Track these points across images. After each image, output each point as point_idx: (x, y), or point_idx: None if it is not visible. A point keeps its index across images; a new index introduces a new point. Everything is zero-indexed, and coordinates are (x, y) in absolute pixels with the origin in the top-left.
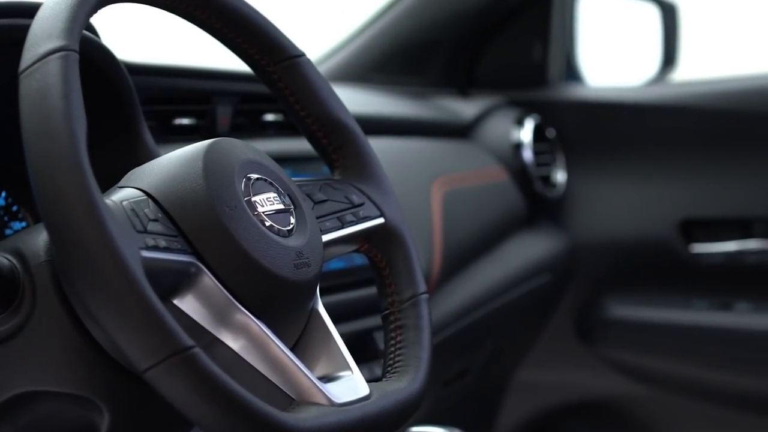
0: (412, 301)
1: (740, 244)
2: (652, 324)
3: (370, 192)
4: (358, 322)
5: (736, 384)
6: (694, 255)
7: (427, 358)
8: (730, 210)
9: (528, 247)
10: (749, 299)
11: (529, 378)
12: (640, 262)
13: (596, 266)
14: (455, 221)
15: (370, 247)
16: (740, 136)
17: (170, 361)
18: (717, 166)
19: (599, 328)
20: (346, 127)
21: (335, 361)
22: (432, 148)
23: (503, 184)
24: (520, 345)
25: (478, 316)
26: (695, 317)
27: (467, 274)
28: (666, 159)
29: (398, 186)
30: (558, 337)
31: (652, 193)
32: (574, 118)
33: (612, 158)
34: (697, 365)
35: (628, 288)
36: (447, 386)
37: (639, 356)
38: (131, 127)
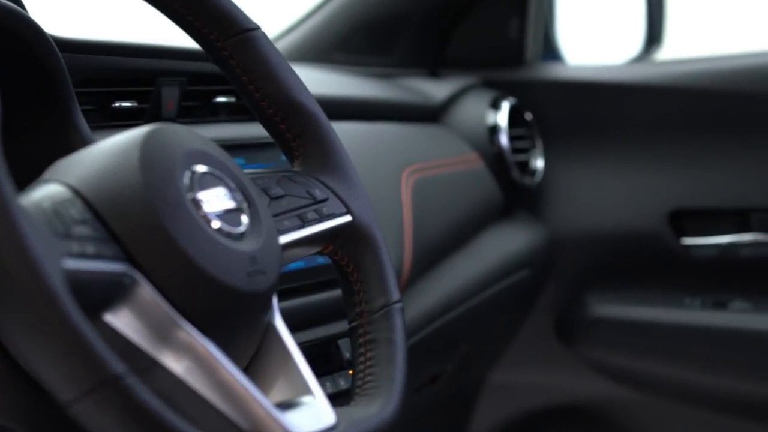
0: (383, 312)
1: (735, 237)
2: (639, 323)
3: (334, 185)
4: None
5: (730, 388)
6: (684, 249)
7: (402, 378)
8: (725, 200)
9: (505, 240)
10: (745, 297)
11: (505, 380)
12: (625, 256)
13: (578, 261)
14: (427, 213)
15: (336, 249)
16: (734, 119)
17: (98, 392)
18: (710, 152)
19: (581, 328)
20: (307, 111)
21: (295, 385)
22: (400, 133)
23: (478, 172)
24: (496, 346)
25: (452, 316)
26: (686, 316)
27: (440, 271)
28: (654, 144)
29: (366, 177)
30: (536, 336)
31: (639, 181)
32: (554, 99)
33: (595, 143)
34: (687, 368)
35: (613, 284)
36: (418, 392)
37: (623, 358)
38: (62, 111)
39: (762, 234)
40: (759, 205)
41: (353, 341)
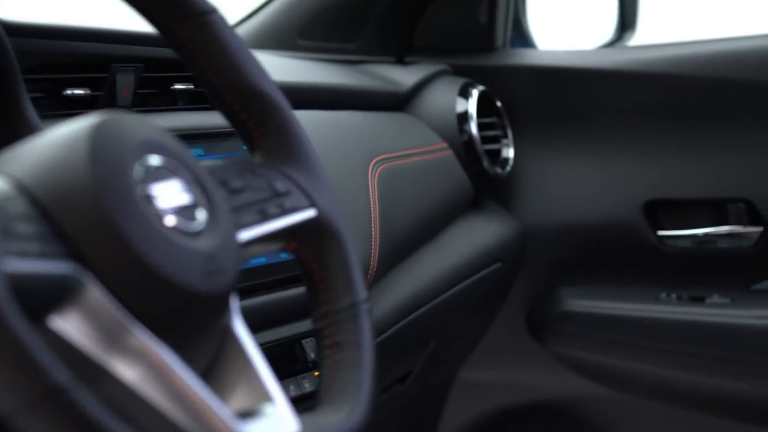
0: (350, 312)
1: (712, 229)
2: (613, 318)
3: (298, 177)
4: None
5: (708, 385)
6: (660, 241)
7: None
8: (701, 190)
9: (475, 232)
10: (723, 291)
11: (476, 378)
12: (599, 249)
13: (550, 254)
14: (394, 206)
15: (300, 246)
16: (711, 107)
17: (39, 403)
18: (686, 141)
19: (553, 323)
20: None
21: (256, 391)
22: (367, 122)
23: (446, 162)
24: (466, 343)
25: (421, 313)
26: (662, 311)
27: (408, 266)
28: (628, 132)
29: (330, 168)
30: (507, 332)
31: (613, 170)
32: (525, 86)
33: (567, 132)
34: (662, 364)
35: (586, 278)
36: (385, 392)
37: (597, 354)
38: (8, 98)
39: (740, 226)
40: (737, 196)
41: (319, 343)
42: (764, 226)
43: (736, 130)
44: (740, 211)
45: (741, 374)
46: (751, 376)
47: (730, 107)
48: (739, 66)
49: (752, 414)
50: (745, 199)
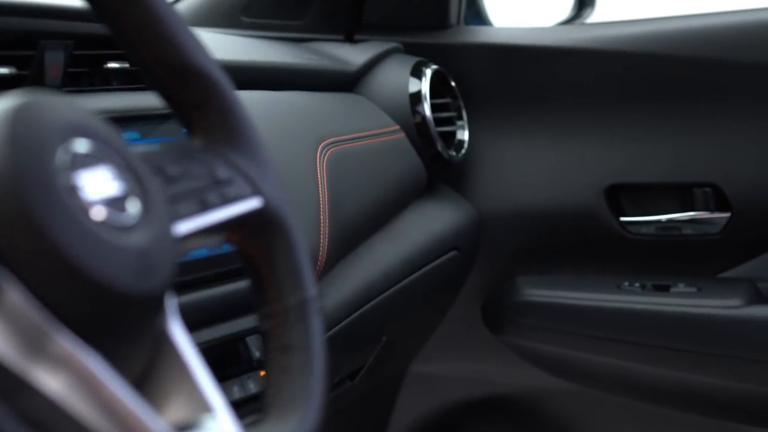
0: (299, 311)
1: (678, 215)
2: (573, 308)
3: (241, 163)
4: (228, 324)
5: (672, 378)
6: (623, 227)
7: (320, 389)
8: (666, 174)
9: (428, 219)
10: (689, 280)
11: (429, 371)
12: (558, 235)
13: (507, 241)
14: (344, 191)
15: (243, 238)
16: (675, 87)
17: None
18: (649, 123)
19: (510, 313)
20: (209, 78)
21: (195, 401)
22: (314, 103)
23: (399, 145)
24: (419, 335)
25: (373, 305)
26: (625, 301)
27: (360, 255)
28: (589, 114)
29: (276, 152)
30: (463, 323)
31: (573, 154)
32: (480, 65)
33: (525, 113)
34: (625, 356)
35: (545, 266)
36: (334, 389)
37: (557, 346)
38: None
39: (706, 211)
40: (703, 180)
41: (265, 345)
42: (732, 212)
43: (703, 111)
44: (707, 196)
45: (707, 367)
46: (718, 368)
47: (696, 87)
48: (704, 44)
49: (717, 408)
50: (711, 183)
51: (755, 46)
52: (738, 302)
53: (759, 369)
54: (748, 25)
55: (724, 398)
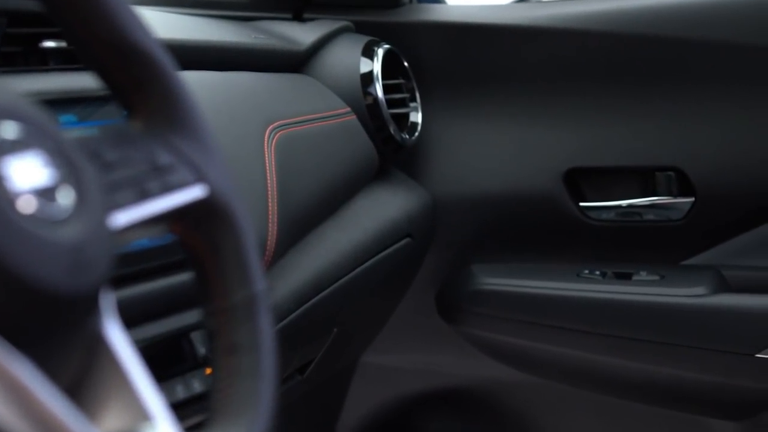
0: (247, 308)
1: (640, 200)
2: (531, 297)
3: (184, 148)
4: (171, 319)
5: (634, 369)
6: (583, 213)
7: (270, 393)
8: (628, 158)
9: (381, 205)
10: (651, 267)
11: (381, 363)
12: (515, 221)
13: (462, 228)
14: (294, 176)
15: (187, 229)
16: (635, 67)
17: None
18: (611, 104)
19: (466, 303)
20: (151, 58)
21: (133, 409)
22: (262, 84)
23: (350, 128)
24: (372, 325)
25: (324, 295)
26: (585, 289)
27: (310, 243)
28: (547, 95)
29: (222, 136)
30: (416, 313)
31: (531, 136)
32: (434, 45)
33: (480, 94)
34: (585, 348)
35: (501, 254)
36: (283, 384)
37: (514, 336)
38: None
39: (670, 196)
40: (666, 164)
41: (210, 344)
42: (695, 197)
43: (666, 92)
44: (670, 181)
45: (670, 358)
46: (682, 359)
47: (658, 68)
48: (666, 22)
49: (681, 400)
50: (675, 167)
51: (719, 25)
52: (703, 290)
53: (725, 360)
54: (711, 2)
55: (688, 390)
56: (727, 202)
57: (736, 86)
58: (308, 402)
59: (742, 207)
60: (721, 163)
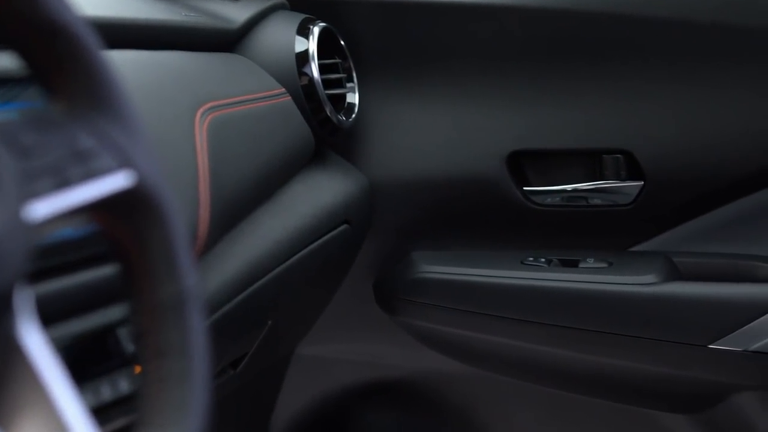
0: (176, 306)
1: (587, 184)
2: (472, 286)
3: (109, 132)
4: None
5: (579, 361)
6: (526, 198)
7: (201, 401)
8: (574, 140)
9: (317, 190)
10: (599, 254)
11: (317, 354)
12: (457, 207)
13: (401, 213)
14: (226, 161)
15: (111, 220)
16: (581, 46)
17: None
18: (556, 84)
19: (405, 292)
20: (73, 36)
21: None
22: (192, 64)
23: (284, 109)
24: (308, 315)
25: (258, 286)
26: (529, 277)
27: (243, 231)
28: (490, 75)
29: (150, 119)
30: (353, 302)
31: (473, 118)
32: (372, 23)
33: (420, 75)
34: (529, 338)
35: (442, 241)
36: (215, 379)
37: (455, 326)
38: None
39: (617, 180)
40: (614, 146)
41: (137, 345)
42: (644, 180)
43: (613, 71)
44: (617, 164)
45: (618, 348)
46: (630, 350)
47: (605, 46)
48: None
49: (629, 393)
50: (623, 150)
51: (668, 2)
52: (653, 278)
53: (676, 351)
54: None
55: (637, 383)
56: (677, 186)
57: (687, 66)
58: (241, 396)
59: (692, 191)
60: (672, 145)
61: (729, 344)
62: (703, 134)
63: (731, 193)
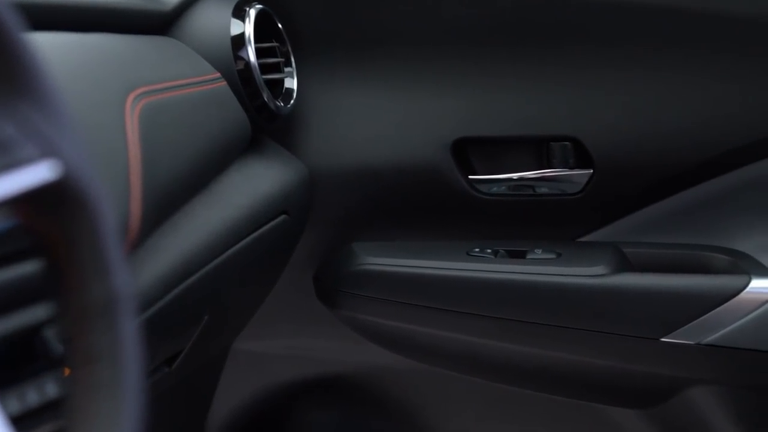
0: (105, 306)
1: (534, 173)
2: (416, 278)
3: (32, 118)
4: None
5: (527, 355)
6: (472, 187)
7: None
8: (521, 127)
9: (255, 179)
10: (547, 244)
11: (255, 349)
12: (400, 197)
13: (342, 203)
14: (159, 149)
15: (35, 214)
16: (531, 30)
17: None
18: (502, 69)
19: (346, 284)
20: None
21: None
22: (122, 47)
23: (220, 95)
24: (246, 309)
25: (194, 280)
26: (475, 269)
27: (177, 222)
28: (433, 59)
29: (77, 105)
30: (292, 296)
31: (417, 104)
32: (310, 5)
33: (361, 59)
34: (475, 332)
35: (385, 231)
36: (149, 377)
37: (398, 320)
38: None
39: (566, 168)
40: (562, 133)
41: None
42: (594, 169)
43: (562, 56)
44: (566, 151)
45: (566, 342)
46: (578, 343)
47: (554, 30)
48: None
49: (577, 387)
50: (572, 137)
51: None
52: (602, 269)
53: (627, 344)
54: None
55: (587, 377)
56: (627, 175)
57: (638, 50)
58: (177, 394)
59: (643, 180)
60: (622, 132)
61: (681, 337)
62: (653, 122)
63: (683, 182)
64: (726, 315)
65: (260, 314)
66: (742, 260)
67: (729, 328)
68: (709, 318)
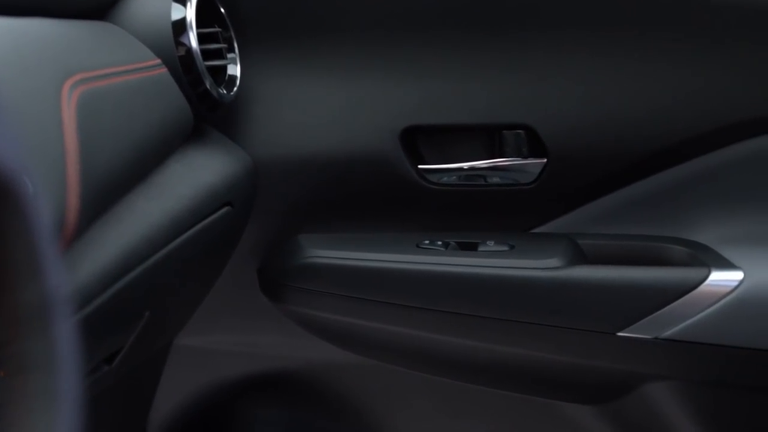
0: (38, 308)
1: (486, 162)
2: (364, 271)
3: None
4: None
5: (480, 350)
6: (422, 177)
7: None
8: (472, 115)
9: (197, 169)
10: (499, 236)
11: (199, 345)
12: (347, 187)
13: (287, 194)
14: (97, 139)
15: None
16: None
17: None
18: (452, 55)
19: (291, 278)
20: None
21: None
22: (58, 32)
23: (160, 82)
24: (188, 304)
25: (135, 274)
26: (424, 262)
27: (117, 214)
28: (381, 45)
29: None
30: (236, 290)
31: (364, 91)
32: None
33: (307, 46)
34: (426, 326)
35: (332, 223)
36: (88, 376)
37: (345, 315)
38: None
39: (519, 158)
40: (515, 121)
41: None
42: (548, 158)
43: (514, 40)
44: (519, 140)
45: (520, 336)
46: (532, 338)
47: (505, 14)
48: None
49: (532, 383)
50: (525, 125)
51: None
52: (557, 262)
53: (582, 339)
54: None
55: (541, 372)
56: (582, 164)
57: (593, 34)
58: (116, 393)
59: (599, 169)
60: (576, 120)
61: (638, 332)
62: (609, 109)
63: (640, 172)
64: (685, 308)
65: (203, 309)
66: (701, 252)
67: (688, 322)
68: (668, 311)
